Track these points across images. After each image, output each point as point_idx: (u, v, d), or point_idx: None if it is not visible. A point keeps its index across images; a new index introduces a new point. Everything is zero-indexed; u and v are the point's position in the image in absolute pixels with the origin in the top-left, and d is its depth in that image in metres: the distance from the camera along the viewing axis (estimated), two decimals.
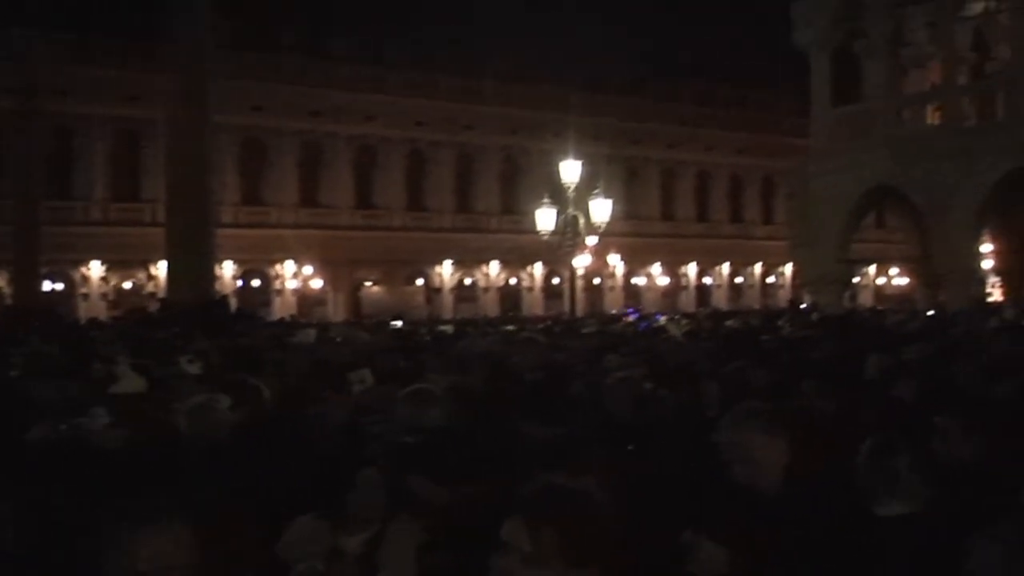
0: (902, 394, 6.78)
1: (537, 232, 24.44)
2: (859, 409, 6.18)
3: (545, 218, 23.53)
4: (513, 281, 56.92)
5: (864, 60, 31.19)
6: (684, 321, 23.24)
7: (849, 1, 29.08)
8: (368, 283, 51.93)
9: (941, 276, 27.68)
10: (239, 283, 47.69)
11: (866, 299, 57.49)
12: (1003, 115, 26.53)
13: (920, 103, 29.30)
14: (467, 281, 55.83)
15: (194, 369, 9.96)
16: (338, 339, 18.26)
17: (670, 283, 61.53)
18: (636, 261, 57.84)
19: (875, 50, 29.18)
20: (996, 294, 35.88)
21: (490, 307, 53.52)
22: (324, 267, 50.21)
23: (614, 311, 43.91)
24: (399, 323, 28.09)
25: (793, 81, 36.57)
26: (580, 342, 14.85)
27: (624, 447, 5.56)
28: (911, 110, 29.11)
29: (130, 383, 8.46)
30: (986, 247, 32.40)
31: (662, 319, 26.23)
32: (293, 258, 49.13)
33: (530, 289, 56.93)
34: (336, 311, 48.77)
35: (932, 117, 28.31)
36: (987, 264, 33.71)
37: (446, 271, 54.47)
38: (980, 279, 32.31)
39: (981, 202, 26.05)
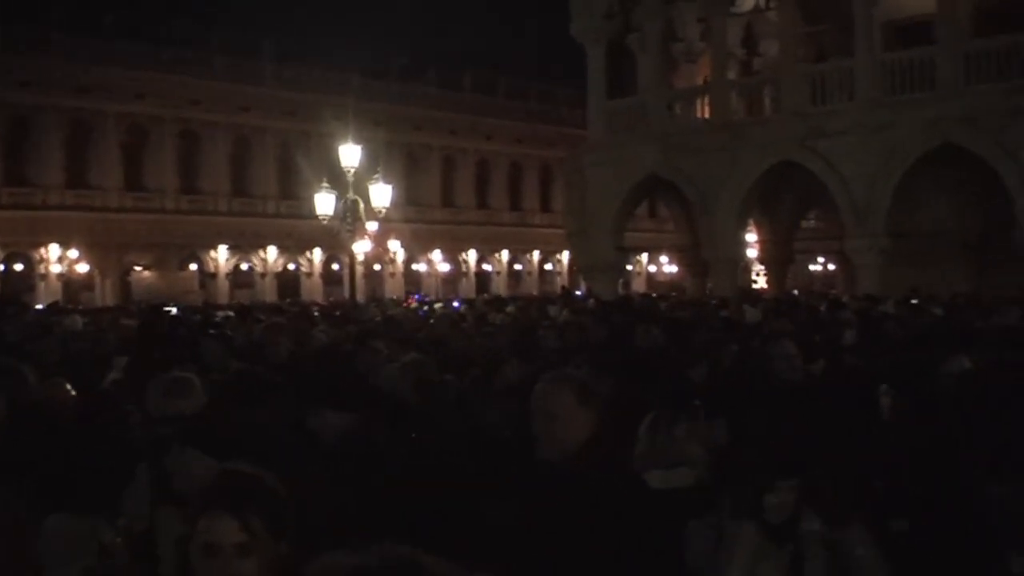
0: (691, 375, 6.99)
1: (316, 217, 24.05)
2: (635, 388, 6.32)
3: (324, 203, 23.12)
4: (292, 267, 55.97)
5: (638, 54, 32.07)
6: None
7: None
8: (138, 268, 49.91)
9: (709, 264, 28.80)
10: (0, 267, 45.09)
11: (639, 286, 59.39)
12: (769, 110, 27.81)
13: (691, 97, 30.36)
14: (244, 266, 54.54)
15: None
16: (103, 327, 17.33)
17: (451, 269, 61.88)
18: (417, 247, 57.86)
19: (648, 44, 30.04)
20: (761, 282, 37.68)
21: (268, 293, 52.39)
22: (91, 251, 47.95)
23: (394, 296, 43.69)
24: (172, 309, 27.03)
25: (572, 73, 37.29)
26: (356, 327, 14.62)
27: (406, 430, 5.49)
28: (682, 104, 30.15)
29: None
30: (752, 237, 33.92)
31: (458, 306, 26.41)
32: (58, 241, 46.69)
33: (309, 275, 56.13)
34: (104, 297, 46.68)
35: (702, 111, 29.35)
36: (753, 253, 35.31)
37: (221, 256, 53.03)
38: (745, 267, 33.84)
39: (747, 194, 27.24)
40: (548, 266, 67.23)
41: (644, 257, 62.94)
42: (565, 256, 58.52)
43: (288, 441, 4.73)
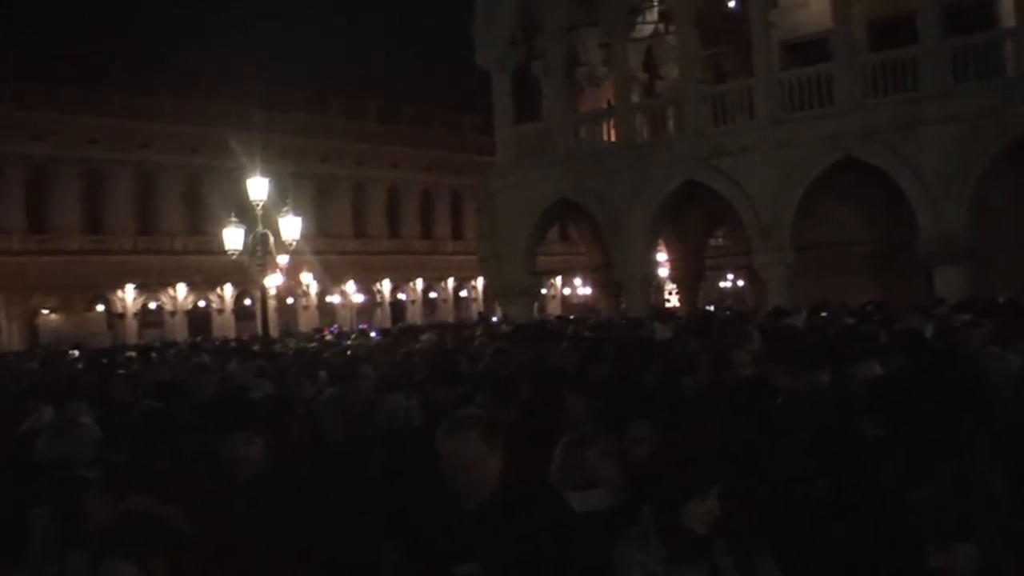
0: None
1: (225, 252, 23.69)
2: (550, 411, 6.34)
3: (233, 237, 22.81)
4: (202, 304, 55.13)
5: (542, 79, 32.32)
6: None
7: (526, 23, 30.05)
8: (45, 311, 48.77)
9: (621, 284, 29.05)
10: None
11: (554, 309, 59.68)
12: (673, 131, 28.21)
13: (596, 120, 30.65)
14: (152, 305, 53.57)
15: None
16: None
17: (365, 300, 61.53)
18: (330, 279, 57.47)
19: (552, 70, 30.29)
20: (674, 300, 38.07)
21: (178, 331, 51.51)
22: None
23: (311, 329, 43.25)
24: (76, 352, 26.46)
25: (479, 99, 37.41)
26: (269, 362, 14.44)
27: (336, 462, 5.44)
28: (588, 127, 30.40)
29: None
30: (663, 256, 34.31)
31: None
32: None
33: (220, 311, 55.34)
34: (12, 340, 45.47)
35: (608, 134, 29.65)
36: (664, 272, 35.72)
37: (128, 295, 52.07)
38: (658, 286, 34.18)
39: (655, 213, 27.57)
40: (463, 293, 67.22)
41: (558, 280, 63.31)
42: (480, 282, 58.61)
43: (204, 477, 4.65)
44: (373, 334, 27.50)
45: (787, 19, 28.60)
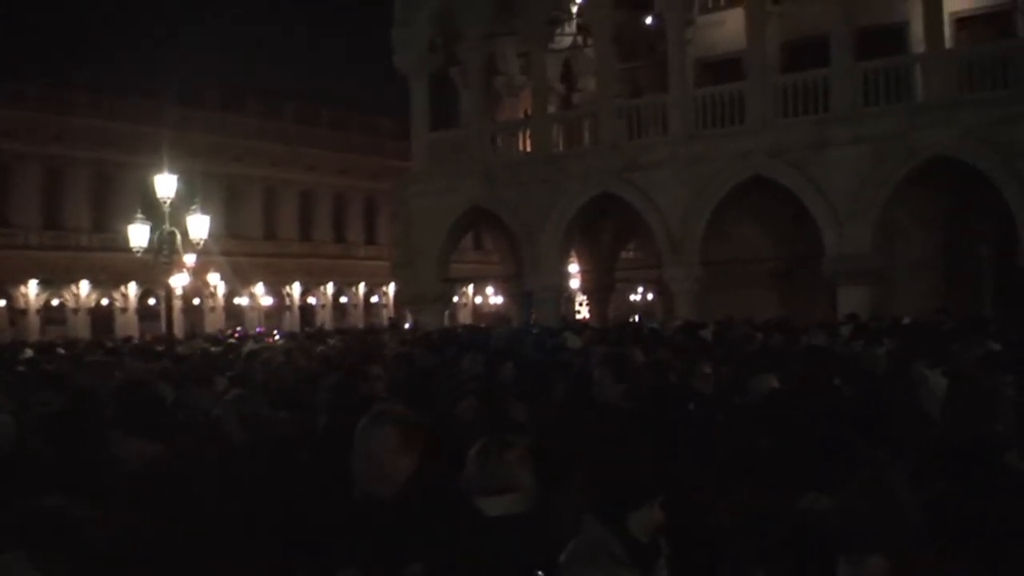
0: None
1: (131, 250, 23.26)
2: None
3: (138, 235, 22.39)
4: (105, 302, 53.93)
5: (460, 87, 32.34)
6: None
7: (445, 29, 30.03)
8: None
9: (532, 295, 29.13)
10: None
11: (465, 317, 59.64)
12: (588, 143, 28.42)
13: (513, 130, 30.74)
14: (55, 302, 52.26)
15: None
16: None
17: (274, 303, 60.78)
18: (238, 281, 56.64)
19: (470, 78, 30.33)
20: (584, 311, 38.33)
21: (81, 329, 50.27)
22: None
23: (216, 331, 42.60)
24: None
25: (396, 105, 37.27)
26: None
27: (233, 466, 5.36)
28: (504, 136, 30.48)
29: None
30: (575, 267, 34.52)
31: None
32: None
33: (124, 310, 54.16)
34: None
35: (524, 143, 29.76)
36: (576, 283, 35.94)
37: (31, 291, 50.70)
38: (569, 297, 34.38)
39: (568, 225, 27.73)
40: (374, 298, 66.80)
41: (470, 288, 63.28)
42: (391, 288, 58.27)
43: (98, 473, 4.55)
44: (277, 337, 27.17)
45: (703, 37, 29.06)
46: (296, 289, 62.52)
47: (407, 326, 30.65)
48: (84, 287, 52.32)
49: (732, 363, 8.95)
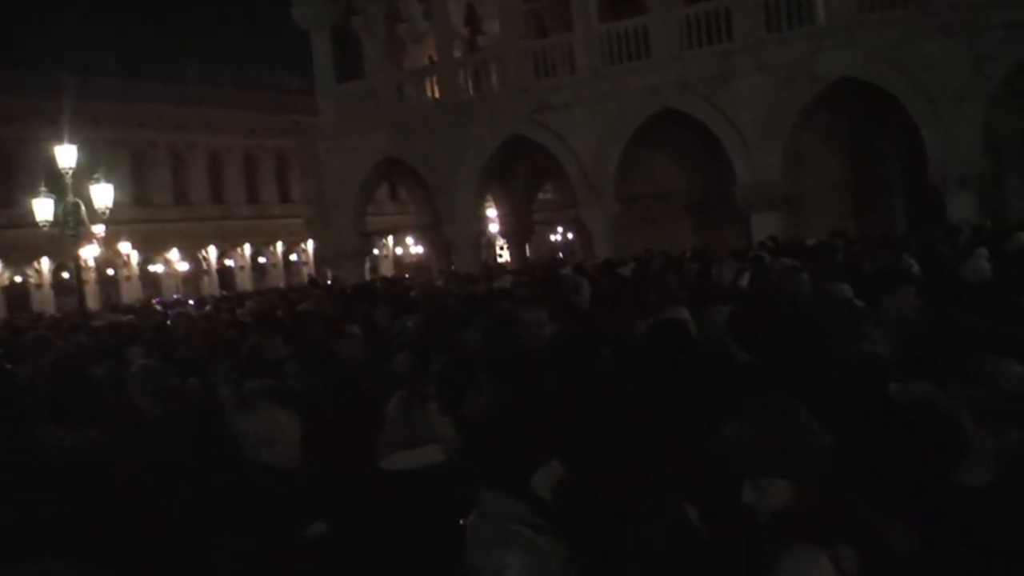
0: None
1: (38, 224, 22.81)
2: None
3: (43, 208, 21.96)
4: (19, 279, 52.64)
5: (363, 37, 31.87)
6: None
7: None
8: None
9: (451, 242, 29.06)
10: None
11: (387, 269, 59.33)
12: (497, 87, 28.22)
13: (419, 78, 30.39)
14: None
15: None
16: None
17: (191, 268, 59.84)
18: (152, 248, 55.58)
19: (372, 27, 29.91)
20: (506, 255, 38.34)
21: None
22: None
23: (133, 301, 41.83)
24: None
25: (300, 59, 36.59)
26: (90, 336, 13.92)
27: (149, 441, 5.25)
28: (412, 85, 30.12)
29: None
30: (492, 212, 34.46)
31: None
32: None
33: (39, 286, 52.91)
34: None
35: (432, 91, 29.46)
36: (495, 228, 35.89)
37: None
38: (489, 242, 34.36)
39: (481, 170, 27.62)
40: (293, 257, 66.08)
41: (390, 240, 62.90)
42: (310, 245, 57.67)
43: (14, 459, 4.46)
44: (191, 303, 26.71)
45: None
46: (212, 253, 61.58)
47: (328, 283, 30.41)
48: None
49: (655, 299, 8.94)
